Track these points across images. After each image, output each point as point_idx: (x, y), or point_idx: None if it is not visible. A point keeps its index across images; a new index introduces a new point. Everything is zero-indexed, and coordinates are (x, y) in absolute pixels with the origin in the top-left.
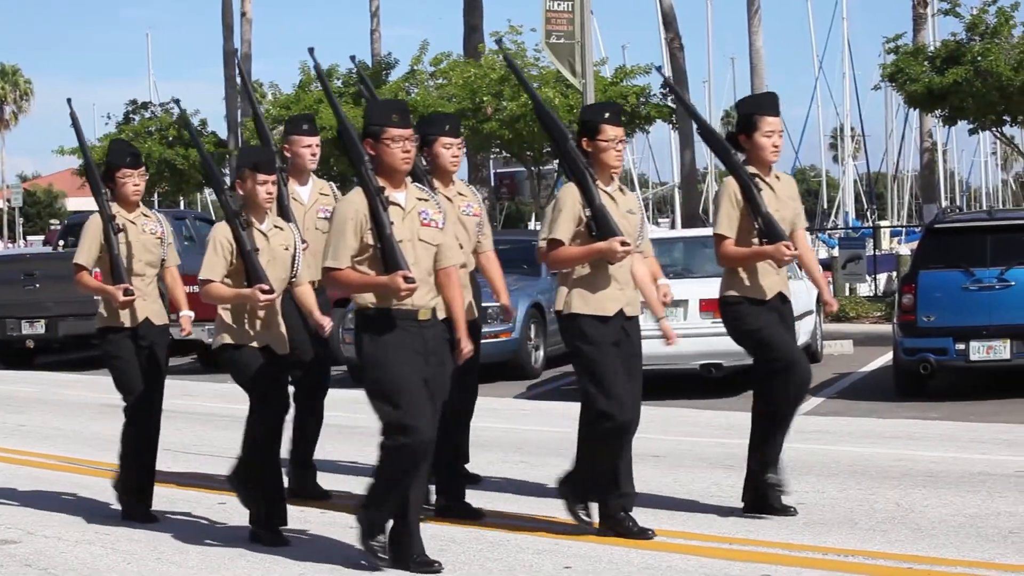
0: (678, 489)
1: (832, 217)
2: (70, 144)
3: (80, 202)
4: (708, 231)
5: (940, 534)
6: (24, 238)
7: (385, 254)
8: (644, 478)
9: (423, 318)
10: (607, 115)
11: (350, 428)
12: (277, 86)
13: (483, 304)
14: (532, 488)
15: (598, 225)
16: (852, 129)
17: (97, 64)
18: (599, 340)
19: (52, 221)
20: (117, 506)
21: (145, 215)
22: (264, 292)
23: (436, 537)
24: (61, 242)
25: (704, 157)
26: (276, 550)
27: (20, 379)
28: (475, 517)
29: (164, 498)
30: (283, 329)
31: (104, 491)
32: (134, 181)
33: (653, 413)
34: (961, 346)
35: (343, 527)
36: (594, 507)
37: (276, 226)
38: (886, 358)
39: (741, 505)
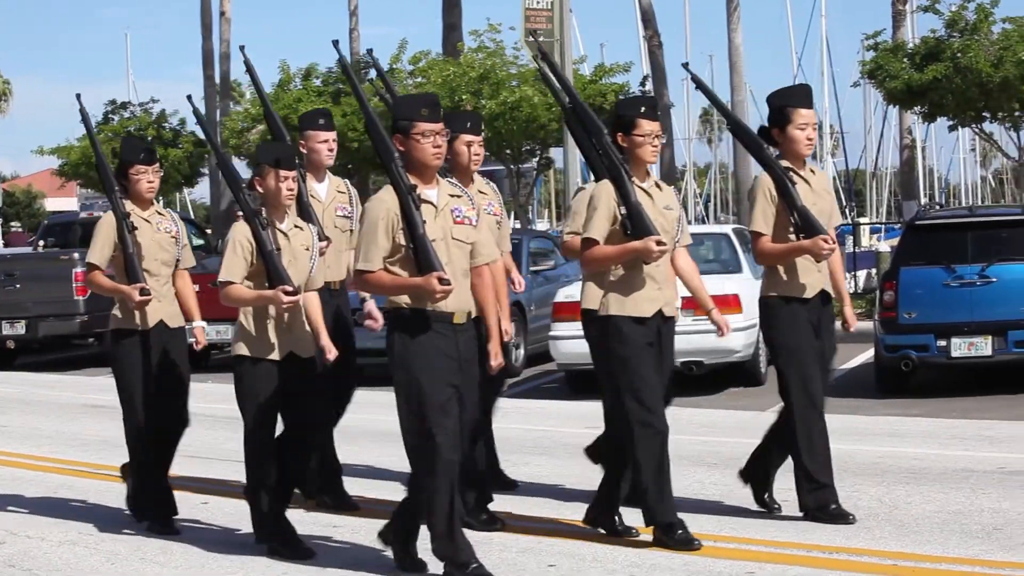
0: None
1: None
2: (49, 144)
3: (59, 202)
4: (694, 229)
5: (924, 531)
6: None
7: (418, 255)
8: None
9: (458, 321)
10: (643, 109)
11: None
12: None
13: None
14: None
15: (633, 224)
16: (831, 126)
17: (76, 64)
18: (636, 345)
19: (13, 224)
20: (101, 504)
21: (160, 213)
22: (287, 293)
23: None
24: (41, 243)
25: (681, 154)
26: (258, 550)
27: (1, 380)
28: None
29: None
30: (308, 329)
31: (87, 491)
32: (148, 178)
33: (598, 410)
34: (942, 343)
35: (325, 526)
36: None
37: (296, 225)
38: (867, 355)
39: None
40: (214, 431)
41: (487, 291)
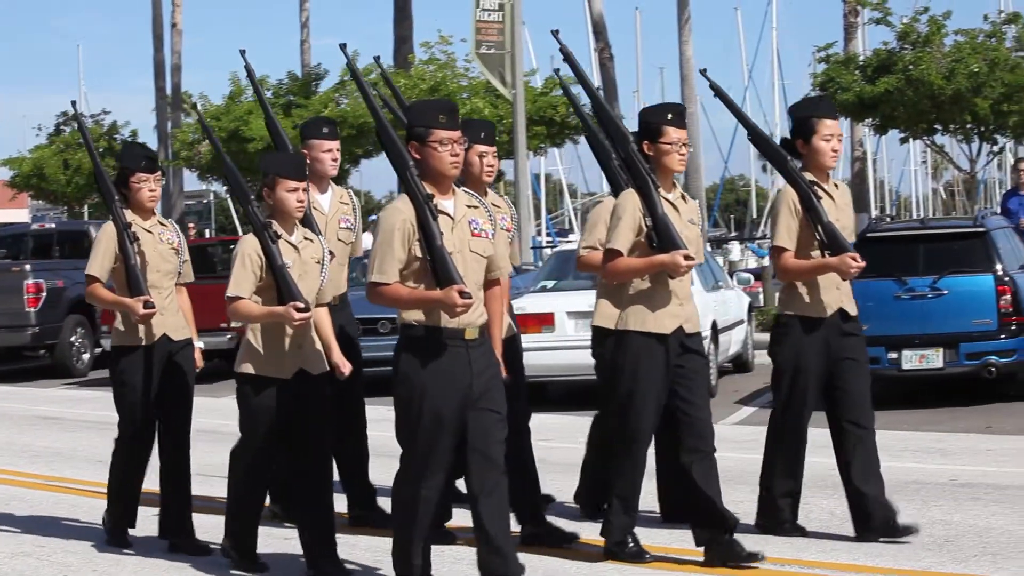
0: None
1: (761, 227)
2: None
3: (10, 214)
4: None
5: (876, 544)
6: None
7: (436, 267)
8: (560, 487)
9: (470, 337)
10: (670, 116)
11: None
12: (207, 97)
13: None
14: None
15: (659, 236)
16: (782, 138)
17: (28, 75)
18: (650, 367)
19: None
20: (52, 516)
21: (161, 223)
22: (299, 310)
23: (371, 548)
24: None
25: None
26: (214, 560)
27: None
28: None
29: (97, 510)
30: (318, 346)
31: (38, 503)
32: (150, 186)
33: (563, 422)
34: (894, 355)
35: (280, 538)
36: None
37: (306, 238)
38: None
39: (659, 513)
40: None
41: (497, 306)
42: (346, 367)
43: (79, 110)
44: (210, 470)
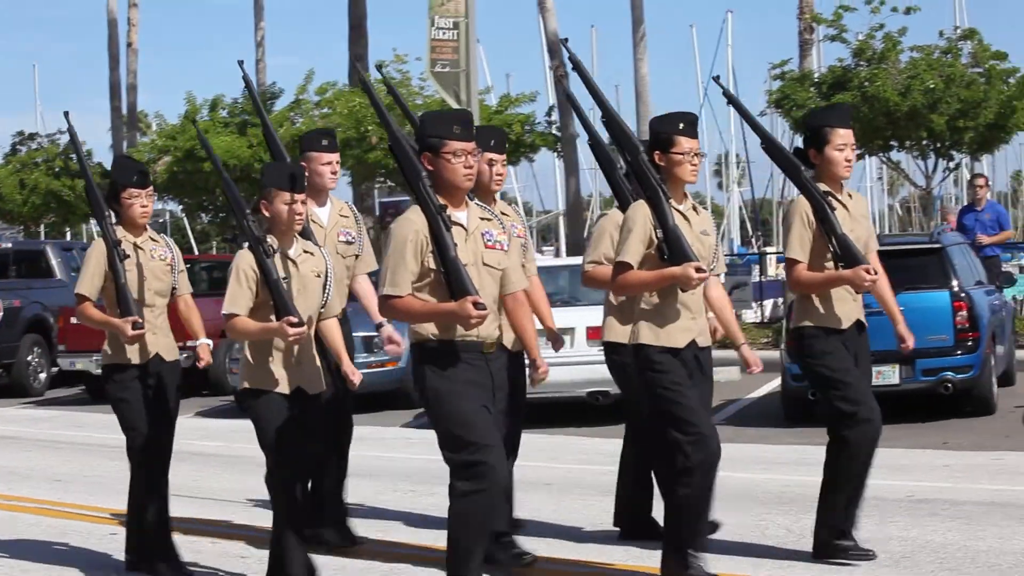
0: (567, 517)
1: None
2: None
3: None
4: None
5: (831, 561)
6: None
7: (451, 279)
8: (534, 506)
9: (488, 351)
10: (681, 126)
11: (234, 457)
12: (163, 116)
13: (369, 333)
14: (418, 518)
15: (671, 249)
16: (737, 156)
17: None
18: (672, 370)
19: None
20: (9, 538)
21: (153, 239)
22: (292, 325)
23: (325, 567)
24: None
25: (588, 184)
26: None
27: None
28: (355, 543)
29: (55, 529)
30: (318, 364)
31: None
32: (141, 202)
33: (542, 441)
34: None
35: (236, 557)
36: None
37: (306, 251)
38: (774, 384)
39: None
40: (120, 461)
41: (526, 319)
42: (356, 376)
43: (30, 131)
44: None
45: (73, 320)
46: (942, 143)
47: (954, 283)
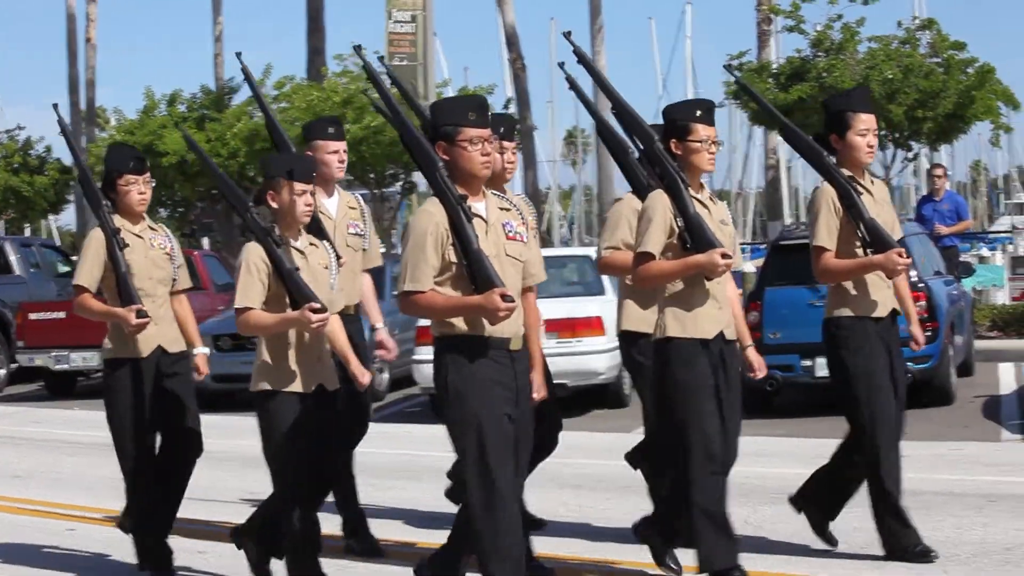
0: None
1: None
2: None
3: None
4: (558, 251)
5: (790, 551)
6: None
7: (475, 271)
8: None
9: (515, 348)
10: (698, 113)
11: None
12: (121, 111)
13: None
14: (377, 511)
15: (693, 237)
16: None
17: None
18: (698, 372)
19: None
20: None
21: (152, 228)
22: (315, 311)
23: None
24: None
25: (546, 178)
26: None
27: None
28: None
29: (8, 525)
30: (343, 354)
31: None
32: (139, 188)
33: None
34: (807, 362)
35: (191, 552)
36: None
37: (312, 243)
38: None
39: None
40: (79, 457)
41: (534, 316)
42: (365, 377)
43: (12, 124)
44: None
45: (33, 316)
46: (901, 133)
47: (913, 273)
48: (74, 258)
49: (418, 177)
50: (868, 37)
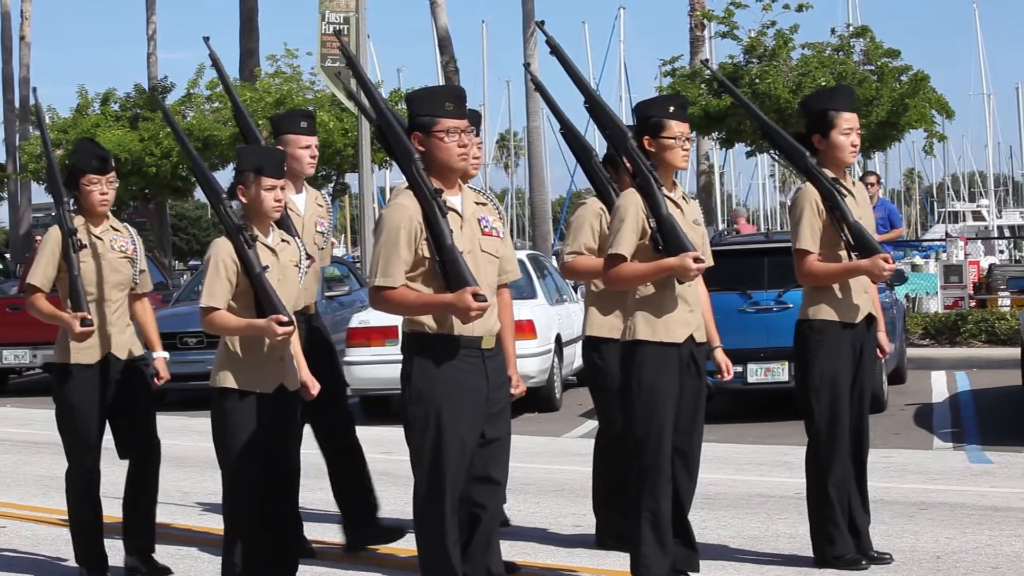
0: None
1: None
2: None
3: None
4: None
5: (721, 556)
6: None
7: (448, 268)
8: (398, 502)
9: (487, 346)
10: (672, 109)
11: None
12: (55, 110)
13: None
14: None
15: (666, 239)
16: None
17: None
18: (665, 379)
19: None
20: None
21: (115, 228)
22: (281, 324)
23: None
24: None
25: (479, 181)
26: None
27: None
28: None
29: None
30: (298, 359)
31: None
32: (101, 189)
33: (392, 435)
34: (739, 368)
35: (119, 550)
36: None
37: (283, 239)
38: None
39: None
40: (10, 455)
41: (507, 313)
42: (315, 387)
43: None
44: (55, 483)
45: None
46: None
47: None
48: (6, 255)
49: (350, 178)
50: (801, 44)
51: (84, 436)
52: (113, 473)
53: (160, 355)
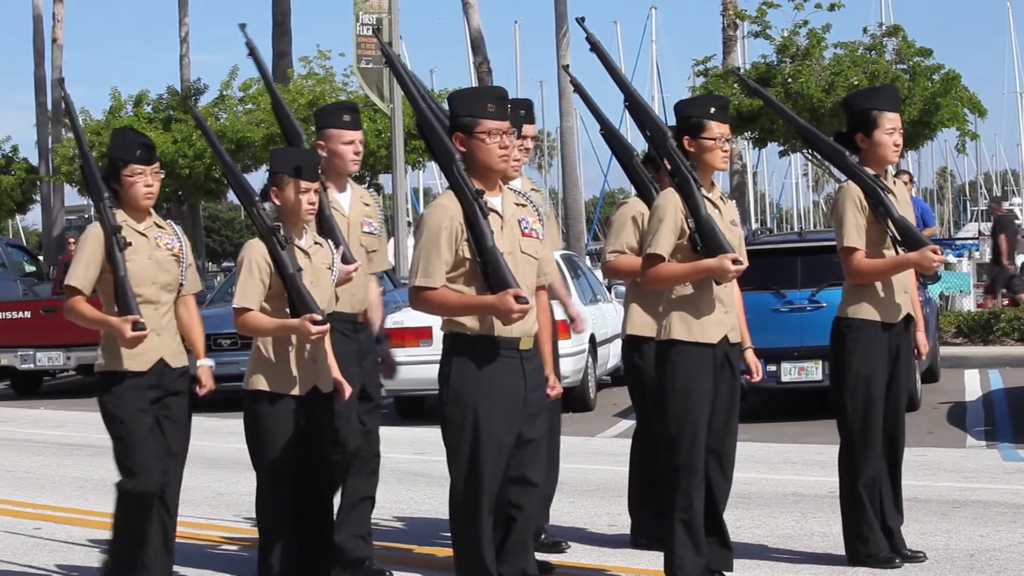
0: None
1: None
2: None
3: None
4: None
5: (755, 555)
6: None
7: (489, 270)
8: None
9: (525, 347)
10: (712, 110)
11: None
12: (88, 112)
13: None
14: None
15: (704, 239)
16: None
17: None
18: (699, 379)
19: None
20: None
21: (159, 225)
22: (315, 323)
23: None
24: None
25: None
26: None
27: None
28: None
29: None
30: (331, 360)
31: None
32: (146, 180)
33: (427, 436)
34: (773, 367)
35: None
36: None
37: (316, 242)
38: None
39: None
40: (46, 456)
41: (545, 314)
42: (348, 390)
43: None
44: (89, 484)
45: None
46: None
47: None
48: (40, 257)
49: (384, 179)
50: (834, 43)
51: (141, 458)
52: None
53: (204, 362)
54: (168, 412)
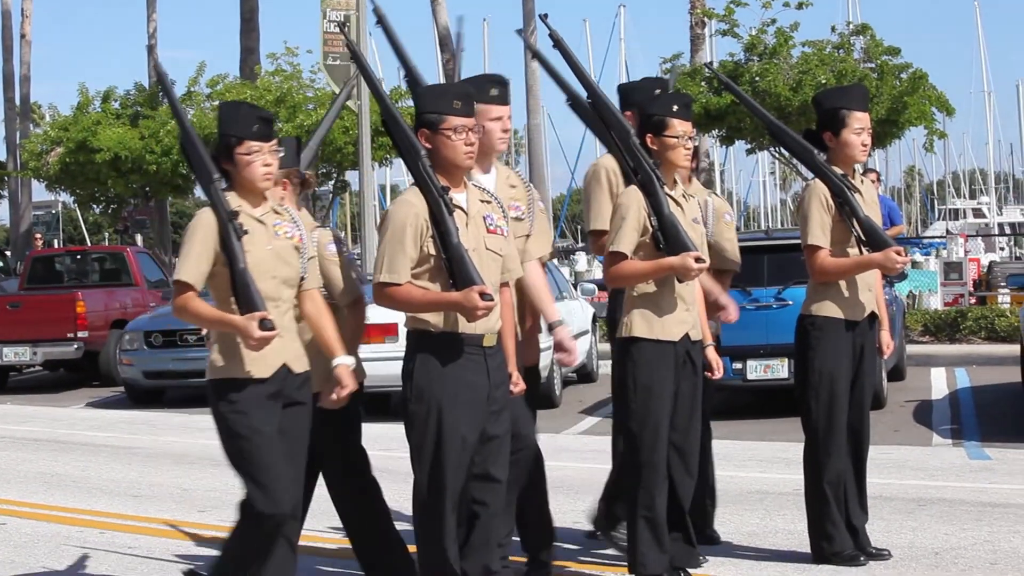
0: None
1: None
2: None
3: None
4: None
5: (720, 552)
6: None
7: (454, 266)
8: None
9: (488, 344)
10: (675, 108)
11: (123, 448)
12: (56, 107)
13: None
14: None
15: (667, 238)
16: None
17: None
18: (661, 376)
19: None
20: None
21: (276, 212)
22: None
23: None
24: None
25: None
26: None
27: None
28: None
29: None
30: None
31: None
32: (264, 159)
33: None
34: (738, 365)
35: (123, 547)
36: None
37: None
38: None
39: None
40: (11, 452)
41: (509, 311)
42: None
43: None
44: (55, 480)
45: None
46: None
47: None
48: (7, 252)
49: (351, 176)
50: (802, 42)
51: (272, 476)
52: (115, 472)
53: (342, 361)
54: (287, 424)
